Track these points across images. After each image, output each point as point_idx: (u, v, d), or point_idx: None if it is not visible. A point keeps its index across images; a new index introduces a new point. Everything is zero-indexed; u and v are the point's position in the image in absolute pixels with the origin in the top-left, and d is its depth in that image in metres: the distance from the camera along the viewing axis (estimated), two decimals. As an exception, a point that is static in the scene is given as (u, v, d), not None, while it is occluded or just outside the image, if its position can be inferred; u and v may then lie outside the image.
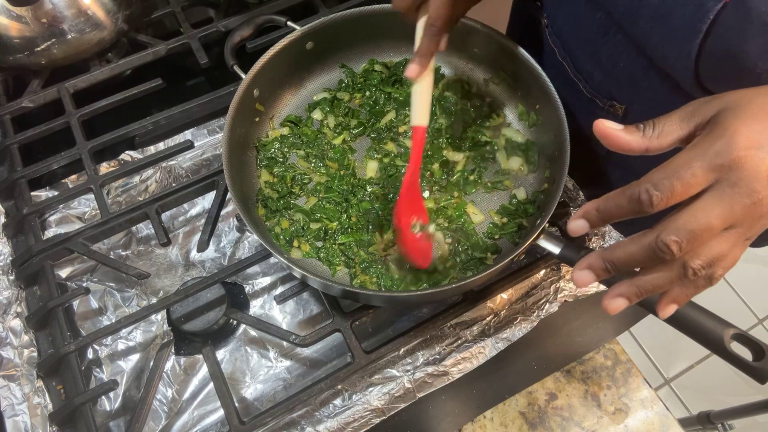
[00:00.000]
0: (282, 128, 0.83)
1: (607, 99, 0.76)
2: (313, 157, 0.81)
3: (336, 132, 0.83)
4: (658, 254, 0.42)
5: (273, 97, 0.83)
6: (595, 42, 0.74)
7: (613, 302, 0.46)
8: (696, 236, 0.40)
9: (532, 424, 0.71)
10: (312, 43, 0.81)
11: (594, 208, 0.45)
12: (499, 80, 0.84)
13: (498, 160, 0.81)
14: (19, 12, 0.84)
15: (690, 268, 0.42)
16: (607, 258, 0.45)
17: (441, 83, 0.86)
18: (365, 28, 0.83)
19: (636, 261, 0.44)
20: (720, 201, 0.40)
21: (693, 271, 0.42)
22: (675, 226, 0.41)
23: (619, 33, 0.69)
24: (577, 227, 0.46)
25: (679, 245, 0.41)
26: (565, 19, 0.80)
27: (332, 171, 0.80)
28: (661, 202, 0.41)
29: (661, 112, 0.46)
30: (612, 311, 0.46)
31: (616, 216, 0.44)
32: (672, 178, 0.40)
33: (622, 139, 0.45)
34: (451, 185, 0.79)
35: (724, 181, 0.40)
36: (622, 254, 0.44)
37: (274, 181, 0.78)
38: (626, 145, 0.45)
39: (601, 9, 0.70)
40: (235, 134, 0.73)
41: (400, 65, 0.87)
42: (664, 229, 0.41)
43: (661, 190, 0.41)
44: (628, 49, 0.69)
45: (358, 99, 0.86)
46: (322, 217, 0.76)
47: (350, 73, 0.87)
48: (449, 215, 0.76)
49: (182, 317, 0.71)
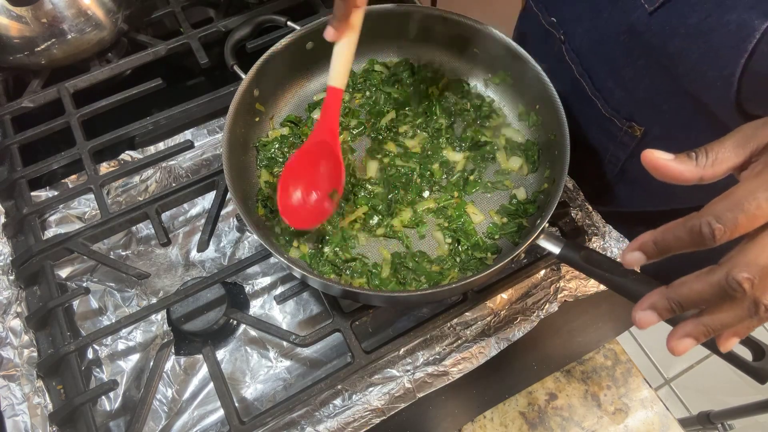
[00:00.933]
0: (282, 128, 0.83)
1: (626, 119, 0.75)
2: None
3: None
4: (729, 292, 0.39)
5: (273, 97, 0.83)
6: (616, 62, 0.73)
7: (681, 344, 0.43)
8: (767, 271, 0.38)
9: (532, 424, 0.71)
10: (312, 43, 0.81)
11: (651, 240, 0.43)
12: (499, 80, 0.84)
13: (498, 160, 0.81)
14: (19, 12, 0.84)
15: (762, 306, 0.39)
16: (672, 298, 0.43)
17: (441, 83, 0.86)
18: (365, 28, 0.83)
19: (704, 300, 0.41)
20: None
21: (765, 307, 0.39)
22: (745, 261, 0.38)
23: (644, 55, 0.68)
24: (633, 260, 0.44)
25: (751, 282, 0.38)
26: (585, 37, 0.78)
27: None
28: (724, 235, 0.38)
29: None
30: (679, 353, 0.44)
31: (674, 249, 0.42)
32: (735, 211, 0.38)
33: (675, 170, 0.43)
34: (451, 185, 0.79)
35: None
36: (689, 293, 0.42)
37: (274, 181, 0.78)
38: (680, 175, 0.43)
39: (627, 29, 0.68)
40: (235, 134, 0.73)
41: (399, 65, 0.87)
42: (734, 265, 0.39)
43: (724, 223, 0.38)
44: (653, 71, 0.67)
45: (358, 99, 0.86)
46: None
47: (350, 73, 0.87)
48: (449, 215, 0.76)
49: (182, 317, 0.71)
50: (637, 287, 0.53)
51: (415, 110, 0.85)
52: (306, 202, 0.71)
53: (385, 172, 0.80)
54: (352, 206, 0.76)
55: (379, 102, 0.85)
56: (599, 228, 0.77)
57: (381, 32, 0.84)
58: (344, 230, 0.75)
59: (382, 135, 0.83)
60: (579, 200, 0.80)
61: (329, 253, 0.73)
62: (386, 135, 0.83)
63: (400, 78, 0.86)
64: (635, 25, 0.66)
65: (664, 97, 0.68)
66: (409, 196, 0.77)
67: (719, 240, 0.39)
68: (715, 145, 0.42)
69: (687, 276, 0.42)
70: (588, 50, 0.78)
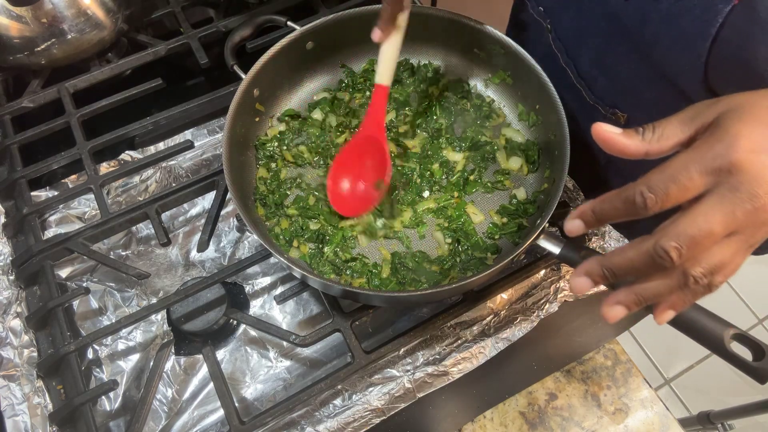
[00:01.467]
0: (280, 124, 0.83)
1: (610, 107, 0.76)
2: (316, 153, 0.81)
3: (338, 131, 0.83)
4: (657, 261, 0.40)
5: (273, 97, 0.83)
6: (599, 49, 0.74)
7: (612, 310, 0.45)
8: (696, 242, 0.39)
9: (532, 424, 0.71)
10: (312, 43, 0.81)
11: (590, 209, 0.44)
12: (499, 80, 0.84)
13: (498, 160, 0.81)
14: (19, 12, 0.84)
15: (690, 276, 0.41)
16: (605, 265, 0.44)
17: (441, 83, 0.86)
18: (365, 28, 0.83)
19: (635, 268, 0.43)
20: (720, 206, 0.39)
21: (693, 279, 0.41)
22: (675, 231, 0.40)
23: (623, 42, 0.69)
24: (573, 227, 0.46)
25: (678, 251, 0.39)
26: (570, 25, 0.80)
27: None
28: (656, 204, 0.40)
29: None
30: (611, 319, 0.45)
31: (611, 217, 0.43)
32: (668, 181, 0.40)
33: (621, 143, 0.44)
34: (451, 185, 0.79)
35: (724, 185, 0.39)
36: (620, 260, 0.43)
37: (269, 177, 0.78)
38: (625, 148, 0.44)
39: (607, 15, 0.69)
40: (235, 134, 0.73)
41: (399, 65, 0.87)
42: (663, 234, 0.40)
43: (655, 193, 0.40)
44: (633, 58, 0.68)
45: (359, 99, 0.86)
46: (320, 219, 0.76)
47: (350, 73, 0.87)
48: (449, 215, 0.76)
49: (182, 317, 0.71)
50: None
51: (415, 110, 0.85)
52: (354, 192, 0.75)
53: None
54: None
55: (379, 102, 0.85)
56: (599, 228, 0.77)
57: (381, 32, 0.84)
58: (344, 230, 0.75)
59: (382, 135, 0.83)
60: (579, 200, 0.80)
61: (329, 253, 0.73)
62: (386, 135, 0.83)
63: (400, 78, 0.86)
64: (614, 11, 0.67)
65: (645, 83, 0.69)
66: (409, 196, 0.77)
67: (651, 209, 0.40)
68: (662, 122, 0.44)
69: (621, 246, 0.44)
70: (573, 38, 0.79)
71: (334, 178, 0.75)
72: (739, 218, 0.39)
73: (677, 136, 0.43)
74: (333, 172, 0.76)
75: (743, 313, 2.04)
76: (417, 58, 0.88)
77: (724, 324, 0.52)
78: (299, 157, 0.81)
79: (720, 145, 0.39)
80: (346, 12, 0.80)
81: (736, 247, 0.41)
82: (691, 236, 0.39)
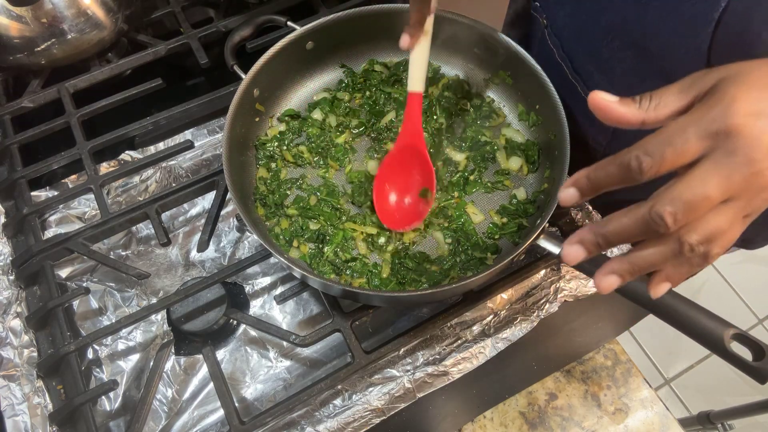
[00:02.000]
0: (280, 124, 0.83)
1: None
2: (316, 153, 0.81)
3: (338, 131, 0.83)
4: (652, 226, 0.39)
5: (273, 97, 0.83)
6: (594, 44, 0.74)
7: (606, 280, 0.44)
8: (692, 207, 0.38)
9: (532, 424, 0.71)
10: (312, 43, 0.81)
11: (585, 175, 0.43)
12: (499, 80, 0.84)
13: (498, 160, 0.81)
14: (19, 12, 0.84)
15: (686, 243, 0.40)
16: (599, 232, 0.43)
17: (441, 83, 0.86)
18: (365, 28, 0.83)
19: (629, 234, 0.41)
20: (717, 170, 0.38)
21: (689, 246, 0.40)
22: (670, 196, 0.39)
23: (620, 35, 0.69)
24: (567, 196, 0.45)
25: (674, 216, 0.38)
26: (566, 20, 0.80)
27: (332, 172, 0.80)
28: (651, 169, 0.39)
29: None
30: (604, 290, 0.44)
31: (606, 184, 0.42)
32: (664, 145, 0.39)
33: (618, 111, 0.43)
34: (452, 185, 0.79)
35: (721, 150, 0.38)
36: (614, 227, 0.42)
37: (269, 177, 0.78)
38: (622, 117, 0.43)
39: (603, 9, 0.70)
40: (235, 134, 0.73)
41: (399, 65, 0.87)
42: (658, 200, 0.39)
43: (651, 156, 0.39)
44: (629, 54, 0.68)
45: (358, 99, 0.86)
46: (320, 219, 0.75)
47: (350, 73, 0.87)
48: (449, 215, 0.76)
49: (182, 317, 0.71)
50: (638, 288, 0.53)
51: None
52: (401, 205, 0.75)
53: None
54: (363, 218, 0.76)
55: (379, 102, 0.85)
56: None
57: (381, 32, 0.84)
58: (345, 231, 0.75)
59: (383, 135, 0.83)
60: (579, 200, 0.80)
61: (329, 253, 0.73)
62: (386, 135, 0.83)
63: (400, 78, 0.86)
64: (611, 4, 0.67)
65: (640, 79, 0.69)
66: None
67: (647, 174, 0.39)
68: (660, 91, 0.43)
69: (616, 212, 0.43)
70: (568, 33, 0.79)
71: (378, 193, 0.75)
72: (736, 183, 0.38)
73: (674, 104, 0.42)
74: (377, 187, 0.75)
75: (743, 313, 2.04)
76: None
77: (724, 324, 0.52)
78: (299, 157, 0.81)
79: (717, 109, 0.39)
80: (345, 12, 0.80)
81: (732, 214, 0.40)
82: (686, 201, 0.38)
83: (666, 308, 0.53)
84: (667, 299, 0.53)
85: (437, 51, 0.86)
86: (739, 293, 2.07)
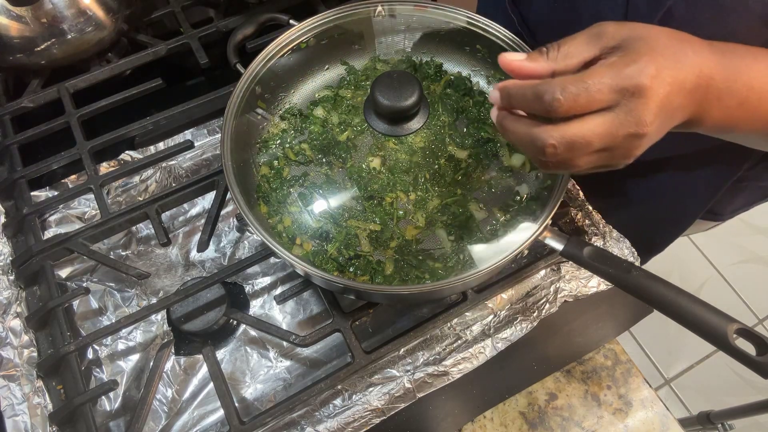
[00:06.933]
0: (282, 122, 0.83)
1: None
2: (318, 151, 0.81)
3: (341, 129, 0.83)
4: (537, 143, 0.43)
5: (275, 95, 0.83)
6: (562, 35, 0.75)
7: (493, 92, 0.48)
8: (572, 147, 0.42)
9: (532, 424, 0.71)
10: (314, 40, 0.81)
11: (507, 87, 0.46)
12: (502, 77, 0.84)
13: (501, 157, 0.81)
14: (19, 12, 0.84)
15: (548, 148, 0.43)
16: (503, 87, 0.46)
17: (443, 80, 0.86)
18: (366, 25, 0.83)
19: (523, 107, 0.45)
20: (610, 125, 0.41)
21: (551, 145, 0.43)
22: (560, 132, 0.42)
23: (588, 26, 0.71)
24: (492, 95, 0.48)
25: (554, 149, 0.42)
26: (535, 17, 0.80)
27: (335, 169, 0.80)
28: (561, 108, 0.41)
29: None
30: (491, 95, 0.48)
31: (518, 104, 0.45)
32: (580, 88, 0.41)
33: (528, 68, 0.45)
34: (455, 182, 0.79)
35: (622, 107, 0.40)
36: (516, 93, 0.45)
37: (271, 176, 0.78)
38: (533, 71, 0.45)
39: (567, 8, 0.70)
40: (236, 131, 0.73)
41: (401, 63, 0.87)
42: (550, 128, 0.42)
43: (565, 96, 0.41)
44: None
45: (360, 97, 0.86)
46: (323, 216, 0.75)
47: (352, 71, 0.87)
48: (452, 212, 0.76)
49: (182, 317, 0.71)
50: (641, 283, 0.53)
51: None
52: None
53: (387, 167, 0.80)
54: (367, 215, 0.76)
55: (380, 101, 0.85)
56: (599, 228, 0.77)
57: (382, 31, 0.84)
58: (349, 228, 0.75)
59: (384, 133, 0.83)
60: (579, 199, 0.80)
61: (332, 250, 0.73)
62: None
63: (400, 77, 0.86)
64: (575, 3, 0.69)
65: None
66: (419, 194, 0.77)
67: (556, 111, 0.41)
68: (567, 40, 0.45)
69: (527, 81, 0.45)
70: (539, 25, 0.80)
71: None
72: (618, 139, 0.41)
73: (582, 54, 0.44)
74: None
75: (743, 313, 2.04)
76: (419, 56, 0.88)
77: (727, 318, 0.51)
78: (302, 155, 0.81)
79: (633, 67, 0.40)
80: (347, 10, 0.80)
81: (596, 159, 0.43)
82: (570, 142, 0.42)
83: (669, 303, 0.53)
84: (670, 294, 0.53)
85: (439, 48, 0.86)
86: (739, 293, 2.07)
